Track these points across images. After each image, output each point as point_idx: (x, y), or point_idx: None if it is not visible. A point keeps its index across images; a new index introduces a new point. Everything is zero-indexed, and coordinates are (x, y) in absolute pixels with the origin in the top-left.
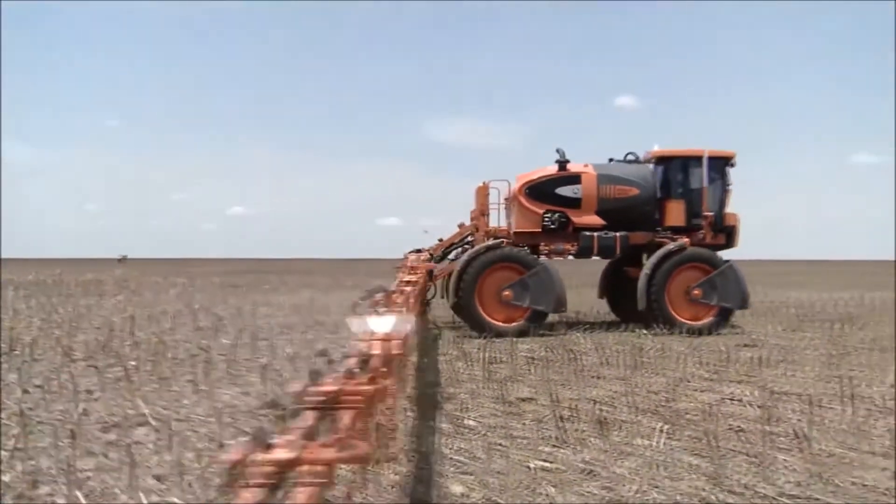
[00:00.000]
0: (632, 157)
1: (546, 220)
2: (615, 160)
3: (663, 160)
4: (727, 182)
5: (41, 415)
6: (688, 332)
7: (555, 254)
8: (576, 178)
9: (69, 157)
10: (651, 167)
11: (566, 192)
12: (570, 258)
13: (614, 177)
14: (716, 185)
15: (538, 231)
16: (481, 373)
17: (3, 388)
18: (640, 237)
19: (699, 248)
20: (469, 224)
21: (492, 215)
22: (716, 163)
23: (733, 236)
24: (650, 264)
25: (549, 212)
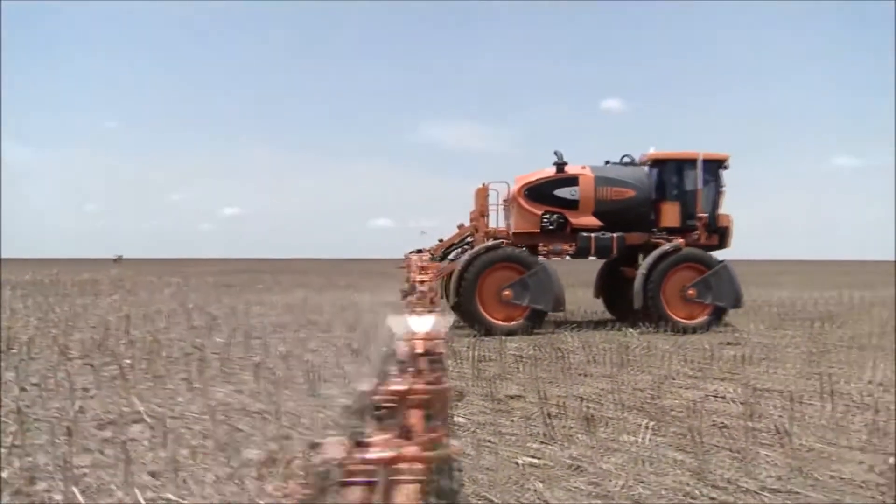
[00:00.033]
0: (628, 160)
1: (544, 220)
2: (612, 162)
3: (659, 163)
4: (720, 184)
5: (38, 412)
6: (673, 331)
7: (553, 254)
8: (573, 180)
9: (68, 158)
10: (647, 169)
11: (564, 193)
12: (568, 258)
13: (611, 179)
14: (710, 188)
15: (537, 232)
16: (470, 371)
17: (1, 386)
18: (636, 238)
19: (694, 249)
20: (468, 225)
21: (491, 216)
22: (710, 165)
23: (726, 237)
24: (646, 264)
25: (547, 213)
